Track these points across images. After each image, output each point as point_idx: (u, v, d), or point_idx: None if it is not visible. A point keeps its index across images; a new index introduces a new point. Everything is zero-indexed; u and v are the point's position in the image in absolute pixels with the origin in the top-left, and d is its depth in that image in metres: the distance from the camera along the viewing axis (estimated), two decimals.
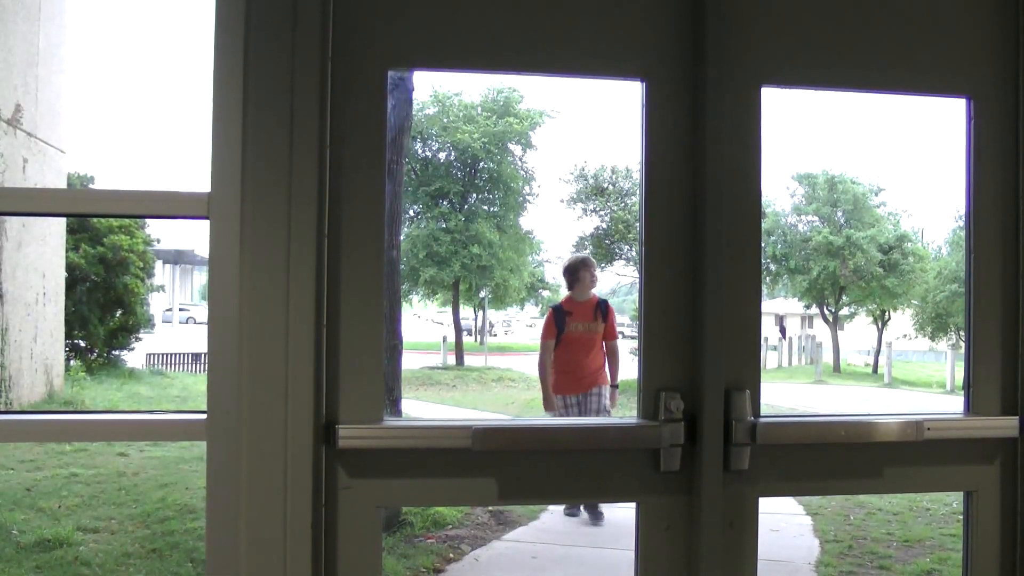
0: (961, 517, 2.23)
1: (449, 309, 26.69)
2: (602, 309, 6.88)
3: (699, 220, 2.00)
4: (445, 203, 26.13)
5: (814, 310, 28.43)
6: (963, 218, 2.22)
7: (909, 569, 5.73)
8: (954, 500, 6.98)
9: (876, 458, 2.09)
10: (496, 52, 2.02)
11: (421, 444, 1.99)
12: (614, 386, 6.96)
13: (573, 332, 6.71)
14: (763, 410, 2.01)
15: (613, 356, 6.89)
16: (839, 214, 26.40)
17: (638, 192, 2.07)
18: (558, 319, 6.81)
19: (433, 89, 24.22)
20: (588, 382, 6.79)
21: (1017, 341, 2.10)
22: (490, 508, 6.91)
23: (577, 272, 6.91)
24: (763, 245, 2.09)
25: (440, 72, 2.10)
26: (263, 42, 1.81)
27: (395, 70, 2.07)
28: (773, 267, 26.12)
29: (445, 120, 25.23)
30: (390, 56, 2.00)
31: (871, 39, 2.09)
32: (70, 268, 12.14)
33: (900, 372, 23.85)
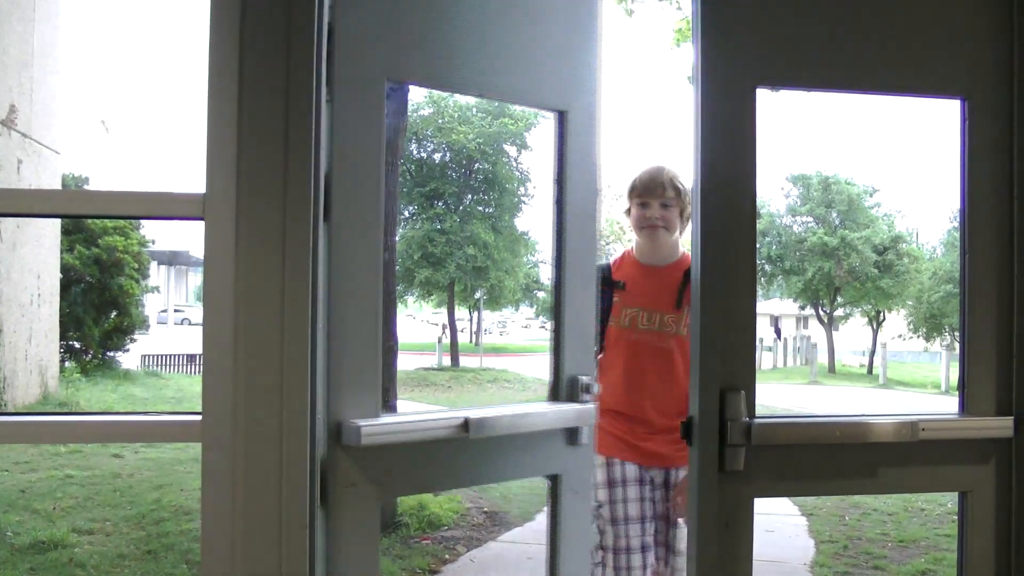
0: (956, 517, 2.23)
1: (444, 310, 26.71)
2: None
3: None
4: (440, 204, 26.12)
5: (809, 311, 28.52)
6: (957, 219, 2.23)
7: (904, 569, 5.74)
8: (949, 500, 6.99)
9: (871, 459, 2.09)
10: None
11: (428, 436, 2.10)
12: None
13: (628, 329, 3.06)
14: (758, 411, 2.01)
15: None
16: (834, 215, 26.46)
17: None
18: (603, 294, 2.99)
19: (428, 90, 24.21)
20: (663, 447, 3.04)
21: (1012, 341, 2.11)
22: (485, 509, 6.91)
23: (650, 194, 3.05)
24: (758, 246, 2.10)
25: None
26: (258, 43, 1.81)
27: (392, 79, 2.07)
28: (768, 268, 26.17)
29: (440, 121, 25.21)
30: (387, 64, 2.00)
31: (867, 40, 2.09)
32: (65, 269, 12.12)
33: (895, 372, 23.90)
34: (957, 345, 2.69)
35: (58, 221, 10.82)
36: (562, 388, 2.41)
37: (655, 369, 3.01)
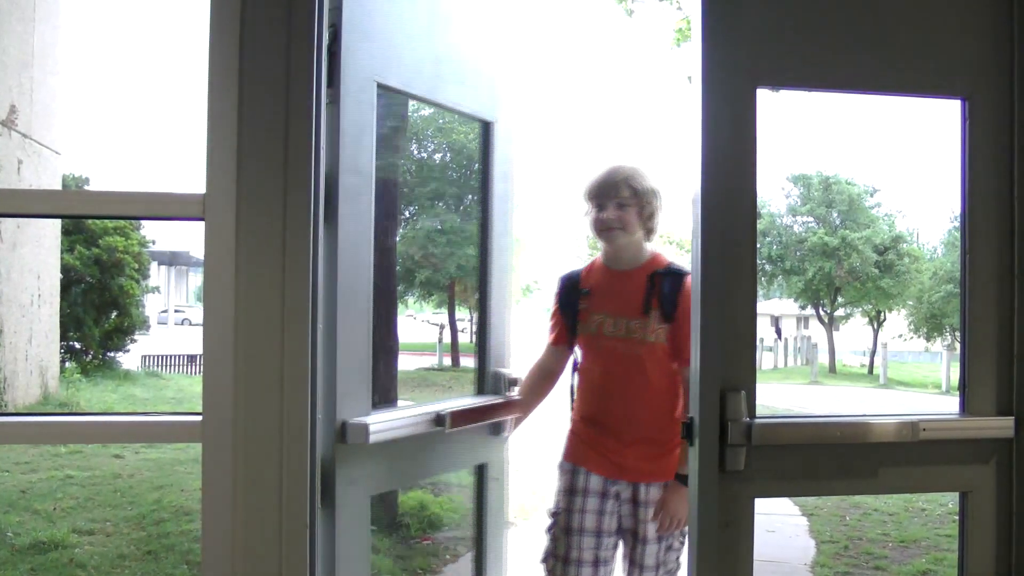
0: (957, 517, 2.23)
1: (445, 310, 26.70)
2: (664, 291, 2.86)
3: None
4: (440, 204, 26.12)
5: (810, 311, 28.49)
6: (958, 219, 2.23)
7: (905, 570, 5.74)
8: (950, 500, 6.99)
9: (872, 459, 2.09)
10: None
11: (415, 431, 2.21)
12: (680, 478, 2.73)
13: (595, 335, 2.92)
14: (758, 411, 2.01)
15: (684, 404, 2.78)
16: (834, 215, 26.44)
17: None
18: (566, 303, 3.00)
19: None
20: (633, 460, 2.88)
21: (1012, 341, 2.11)
22: None
23: (604, 195, 2.88)
24: (759, 246, 2.10)
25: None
26: (258, 44, 1.81)
27: (382, 81, 2.12)
28: (769, 268, 26.15)
29: (440, 121, 25.24)
30: (377, 67, 2.02)
31: (867, 41, 2.09)
32: (65, 270, 12.11)
33: (895, 373, 23.87)
34: (958, 345, 2.69)
35: (58, 221, 10.81)
36: (487, 382, 2.55)
37: (624, 377, 2.86)
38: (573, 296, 2.97)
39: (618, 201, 2.84)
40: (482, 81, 2.56)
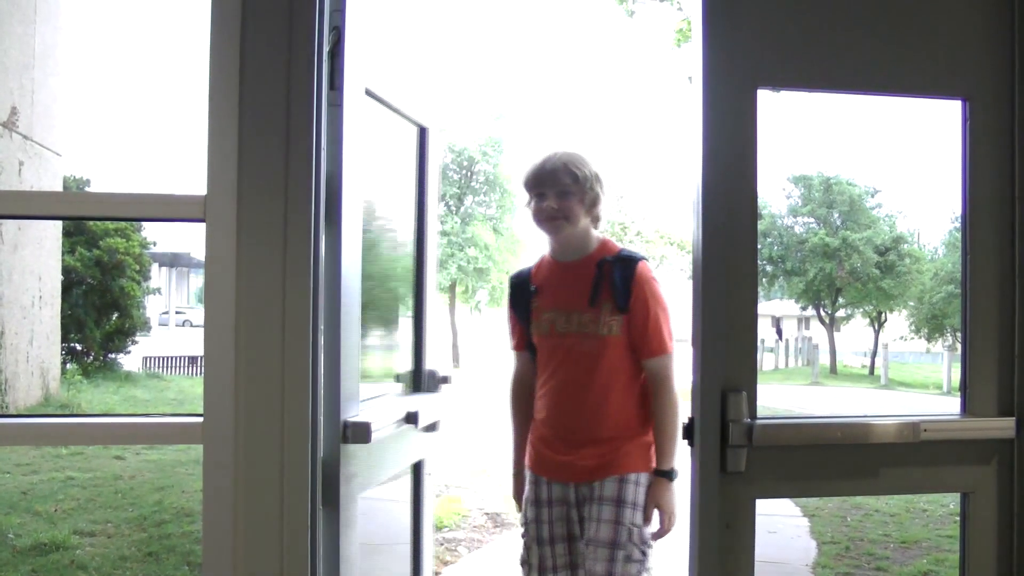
0: (958, 518, 2.23)
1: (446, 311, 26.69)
2: (615, 280, 2.63)
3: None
4: (442, 206, 26.14)
5: (810, 311, 28.46)
6: (959, 219, 2.23)
7: (906, 571, 5.73)
8: (951, 501, 6.98)
9: (873, 459, 2.09)
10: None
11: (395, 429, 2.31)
12: (662, 473, 2.64)
13: (547, 335, 2.72)
14: (759, 412, 2.01)
15: (660, 396, 2.64)
16: (835, 216, 26.42)
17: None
18: (517, 305, 2.81)
19: None
20: (583, 460, 2.66)
21: (1013, 342, 2.11)
22: (487, 510, 6.90)
23: (544, 184, 2.66)
24: (759, 247, 2.10)
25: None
26: (259, 46, 1.81)
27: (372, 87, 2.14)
28: (769, 268, 26.13)
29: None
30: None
31: (868, 42, 2.09)
32: (66, 271, 12.11)
33: (896, 373, 23.84)
34: (959, 346, 2.69)
35: (59, 223, 10.81)
36: (423, 380, 2.59)
37: (578, 375, 2.64)
38: (523, 296, 2.77)
39: (559, 189, 2.62)
40: (418, 87, 2.59)
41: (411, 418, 2.34)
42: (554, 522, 2.68)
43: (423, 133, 2.63)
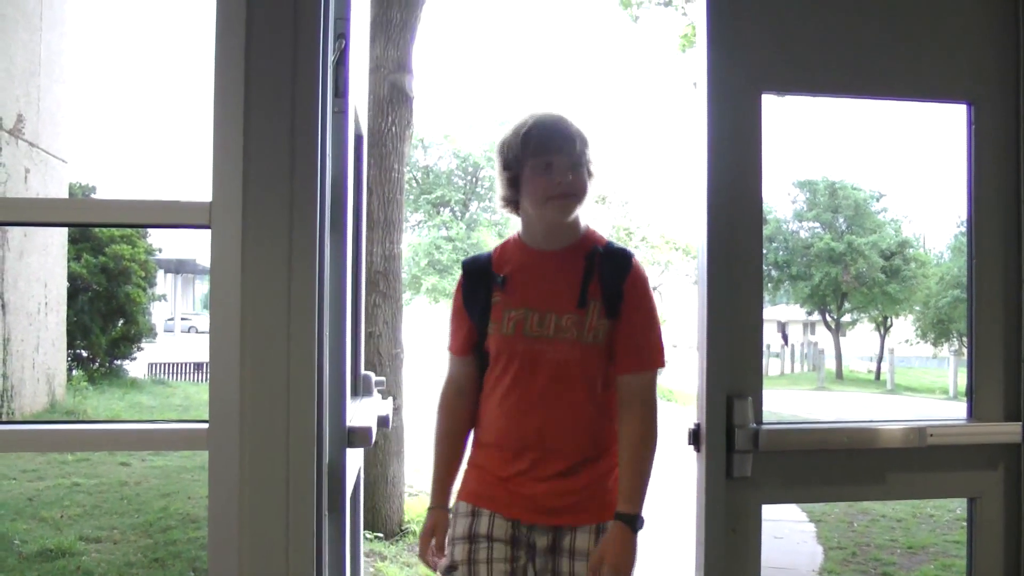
0: (965, 523, 2.22)
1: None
2: (606, 277, 2.12)
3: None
4: (447, 211, 26.14)
5: (816, 316, 28.42)
6: (964, 224, 2.23)
7: None
8: (958, 506, 6.95)
9: (879, 465, 2.08)
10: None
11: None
12: (625, 518, 2.04)
13: (512, 337, 2.15)
14: (765, 417, 2.01)
15: (640, 421, 2.08)
16: (840, 220, 26.40)
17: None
18: (471, 297, 2.22)
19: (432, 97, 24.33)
20: (553, 496, 2.12)
21: (1020, 346, 2.11)
22: None
23: (557, 151, 2.09)
24: (764, 251, 2.09)
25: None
26: (264, 52, 1.82)
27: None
28: (775, 273, 26.11)
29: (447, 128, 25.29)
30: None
31: (873, 46, 2.09)
32: (72, 278, 12.14)
33: (902, 378, 23.80)
34: (965, 350, 2.68)
35: (65, 230, 10.84)
36: (359, 385, 2.55)
37: (546, 390, 2.11)
38: (482, 287, 2.18)
39: (574, 160, 2.09)
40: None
41: (383, 422, 2.37)
42: (493, 563, 2.10)
43: (358, 141, 2.66)
